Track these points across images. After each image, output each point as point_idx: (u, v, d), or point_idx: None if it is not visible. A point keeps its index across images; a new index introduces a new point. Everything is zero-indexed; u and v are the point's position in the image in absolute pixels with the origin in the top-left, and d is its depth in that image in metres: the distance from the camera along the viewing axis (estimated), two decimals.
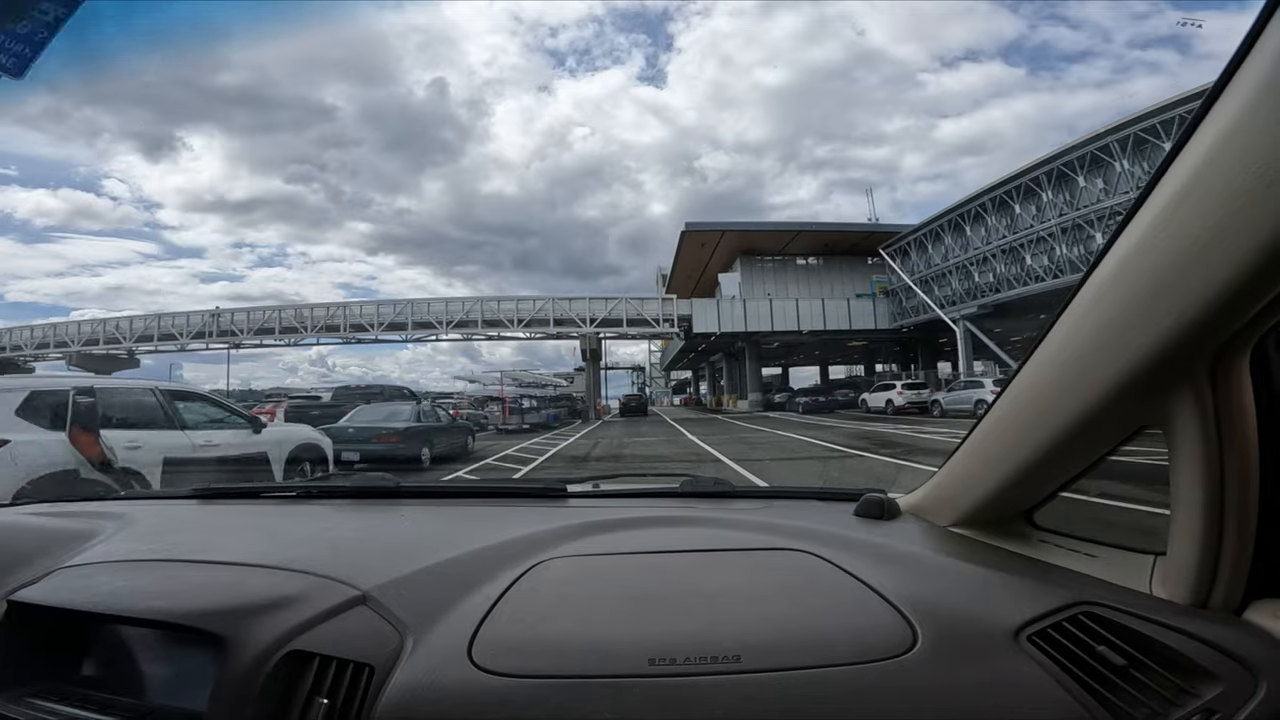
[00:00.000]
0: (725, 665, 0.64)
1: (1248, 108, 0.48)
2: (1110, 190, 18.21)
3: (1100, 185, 18.60)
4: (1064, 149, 19.67)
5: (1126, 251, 0.60)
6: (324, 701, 0.65)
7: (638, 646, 0.67)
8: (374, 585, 0.78)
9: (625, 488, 1.41)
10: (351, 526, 1.16)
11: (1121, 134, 17.35)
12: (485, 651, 0.67)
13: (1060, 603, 0.69)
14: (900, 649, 0.65)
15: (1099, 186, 18.65)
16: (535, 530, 0.97)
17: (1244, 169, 0.48)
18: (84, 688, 0.79)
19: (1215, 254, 0.51)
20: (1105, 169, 18.38)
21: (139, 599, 0.78)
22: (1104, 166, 18.37)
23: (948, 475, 0.97)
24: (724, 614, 0.72)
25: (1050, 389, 0.72)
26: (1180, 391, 0.61)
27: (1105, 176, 18.45)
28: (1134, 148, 17.06)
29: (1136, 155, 17.05)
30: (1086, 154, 18.72)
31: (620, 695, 0.61)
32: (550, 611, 0.74)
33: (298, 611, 0.73)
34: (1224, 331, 0.55)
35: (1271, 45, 0.47)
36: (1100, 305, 0.64)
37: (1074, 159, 19.21)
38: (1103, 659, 0.62)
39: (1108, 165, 18.20)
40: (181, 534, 1.10)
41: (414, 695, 0.62)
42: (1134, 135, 16.86)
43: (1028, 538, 0.88)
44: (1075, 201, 19.57)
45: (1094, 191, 18.86)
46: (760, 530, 0.97)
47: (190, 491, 1.41)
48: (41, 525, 1.10)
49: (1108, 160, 18.11)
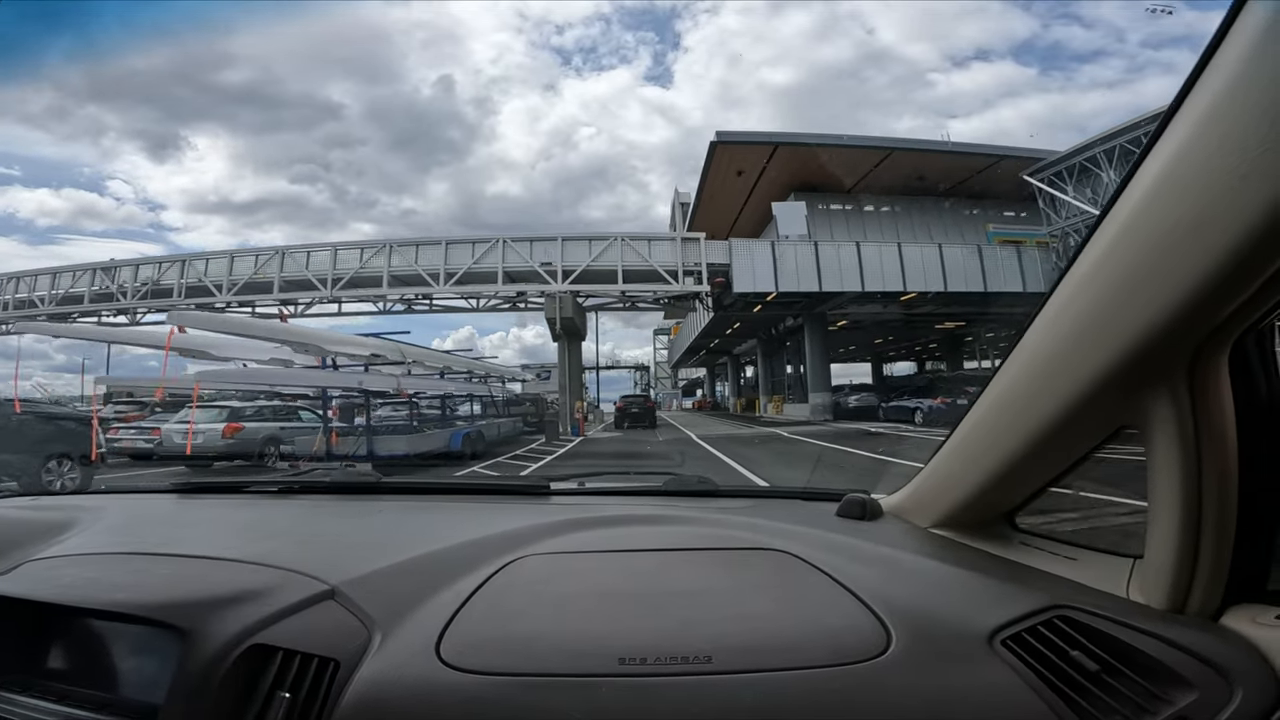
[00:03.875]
0: (696, 666, 0.63)
1: (1219, 103, 0.48)
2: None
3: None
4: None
5: (1102, 249, 0.59)
6: (285, 696, 0.64)
7: (609, 646, 0.66)
8: (343, 580, 0.78)
9: (609, 485, 1.45)
10: (329, 522, 1.17)
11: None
12: (454, 648, 0.66)
13: (1035, 606, 0.67)
14: (874, 652, 0.64)
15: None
16: (514, 527, 0.97)
17: (1216, 164, 0.48)
18: (47, 679, 0.80)
19: (1189, 251, 0.50)
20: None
21: (103, 591, 0.79)
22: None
23: (929, 476, 0.95)
24: (698, 614, 0.71)
25: (1028, 389, 0.71)
26: (1157, 391, 0.60)
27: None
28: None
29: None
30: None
31: (589, 695, 0.61)
32: (522, 609, 0.73)
33: (262, 605, 0.73)
34: (1200, 329, 0.54)
35: (1238, 42, 0.46)
36: (1075, 304, 0.63)
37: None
38: (1076, 664, 0.61)
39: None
40: (155, 528, 1.12)
41: (379, 691, 0.62)
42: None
43: (1008, 540, 0.86)
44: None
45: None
46: (741, 530, 0.95)
47: (169, 485, 1.41)
48: (16, 518, 1.12)
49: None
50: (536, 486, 1.30)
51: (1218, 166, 0.47)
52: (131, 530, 1.06)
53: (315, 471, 2.51)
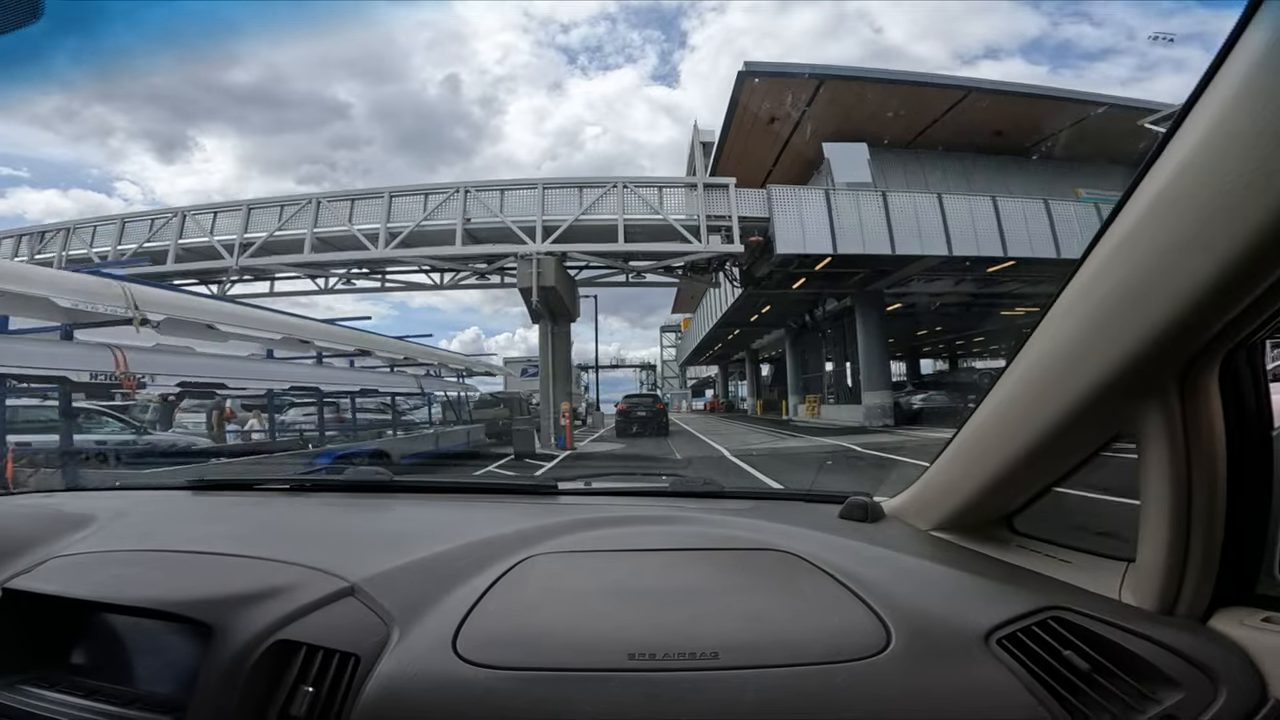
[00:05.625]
0: (703, 662, 0.65)
1: (1220, 120, 0.49)
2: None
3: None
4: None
5: (1101, 261, 0.60)
6: (309, 690, 0.66)
7: (619, 641, 0.68)
8: (362, 577, 0.79)
9: (615, 486, 1.49)
10: (343, 519, 1.17)
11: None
12: (470, 643, 0.67)
13: (1030, 607, 0.69)
14: (874, 650, 0.65)
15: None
16: (525, 526, 0.98)
17: (1214, 180, 0.49)
18: (74, 674, 0.80)
19: (1183, 266, 0.52)
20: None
21: (130, 588, 0.80)
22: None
23: (930, 479, 0.97)
24: (705, 611, 0.73)
25: (1027, 396, 0.73)
26: (1149, 403, 0.61)
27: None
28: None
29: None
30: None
31: (599, 688, 0.63)
32: (535, 606, 0.75)
33: (285, 602, 0.74)
34: (1191, 346, 0.56)
35: (1243, 58, 0.47)
36: (1074, 314, 0.64)
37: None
38: (1069, 663, 0.63)
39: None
40: (175, 525, 1.13)
41: (398, 685, 0.64)
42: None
43: (1006, 542, 0.87)
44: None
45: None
46: (746, 530, 0.97)
47: (185, 483, 1.42)
48: (37, 514, 1.14)
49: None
50: (545, 486, 1.33)
51: (1213, 183, 0.49)
52: (152, 527, 1.07)
53: (327, 471, 2.56)
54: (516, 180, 14.04)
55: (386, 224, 13.79)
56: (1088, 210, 14.73)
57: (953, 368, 35.10)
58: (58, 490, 1.35)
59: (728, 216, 13.45)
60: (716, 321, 25.50)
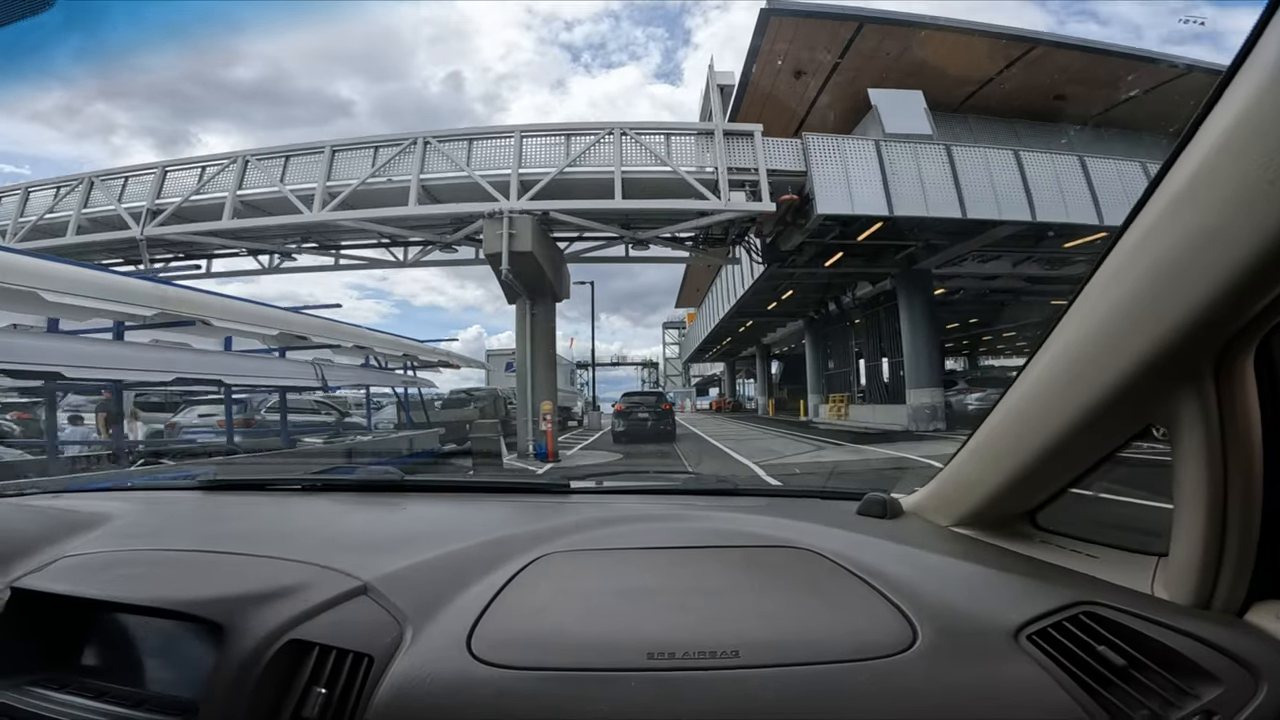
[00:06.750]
0: (724, 660, 0.64)
1: (1250, 105, 0.48)
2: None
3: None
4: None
5: (1129, 250, 0.60)
6: (322, 691, 0.65)
7: (636, 640, 0.67)
8: (375, 576, 0.78)
9: (628, 484, 1.44)
10: (355, 519, 1.16)
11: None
12: (484, 643, 0.67)
13: (1061, 602, 0.68)
14: (899, 647, 0.64)
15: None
16: (537, 525, 0.98)
17: (1245, 166, 0.48)
18: (82, 675, 0.79)
19: (1217, 252, 0.51)
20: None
21: (140, 588, 0.79)
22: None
23: (950, 475, 0.96)
24: (724, 610, 0.72)
25: (1054, 389, 0.72)
26: (1184, 391, 0.60)
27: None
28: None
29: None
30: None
31: (617, 688, 0.62)
32: (549, 605, 0.74)
33: (298, 601, 0.73)
34: (1227, 330, 0.55)
35: (1273, 43, 0.47)
36: (1103, 304, 0.63)
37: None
38: (1103, 659, 0.62)
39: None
40: (185, 524, 1.12)
41: (412, 685, 0.63)
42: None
43: (1030, 538, 0.86)
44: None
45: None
46: (763, 527, 0.96)
47: (195, 482, 1.42)
48: (46, 514, 1.11)
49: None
50: (557, 485, 1.30)
51: (1245, 170, 0.48)
52: (163, 526, 1.06)
53: (337, 470, 2.48)
54: (488, 128, 11.26)
55: (326, 183, 11.05)
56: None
57: (972, 366, 32.29)
58: (67, 490, 1.33)
59: (752, 169, 10.69)
60: (729, 310, 22.66)
